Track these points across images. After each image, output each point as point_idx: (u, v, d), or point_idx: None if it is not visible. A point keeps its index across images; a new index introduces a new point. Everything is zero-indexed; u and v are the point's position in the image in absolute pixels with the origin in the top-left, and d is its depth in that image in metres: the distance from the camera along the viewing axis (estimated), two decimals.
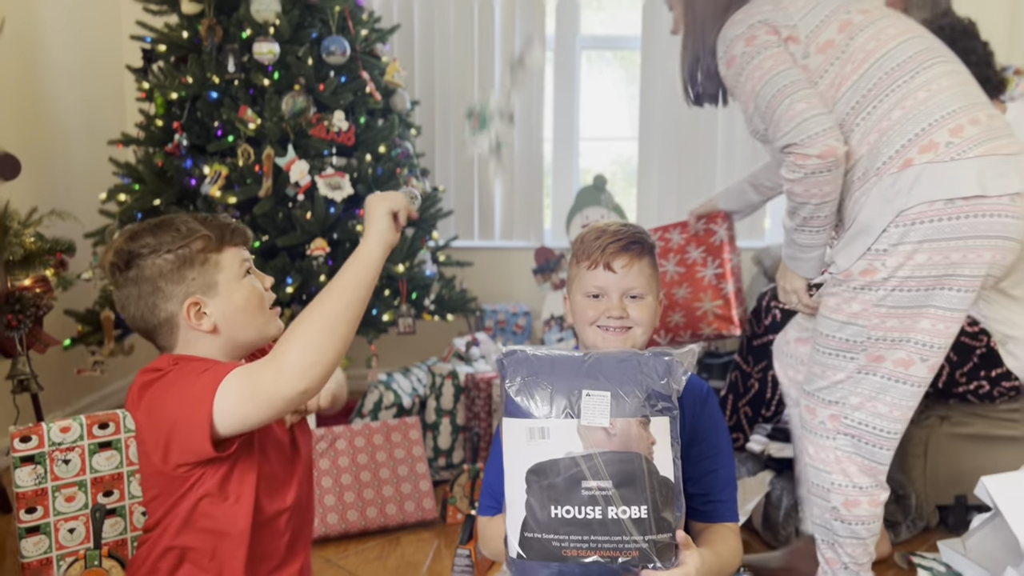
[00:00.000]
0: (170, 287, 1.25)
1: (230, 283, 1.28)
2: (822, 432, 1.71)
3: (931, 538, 2.23)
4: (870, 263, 1.57)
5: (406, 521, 2.35)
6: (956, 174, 1.50)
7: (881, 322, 1.59)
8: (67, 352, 2.80)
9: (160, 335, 1.30)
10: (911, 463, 2.27)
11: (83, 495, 1.85)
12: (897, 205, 1.53)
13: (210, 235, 1.27)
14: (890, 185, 1.54)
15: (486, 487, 1.50)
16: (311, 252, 2.63)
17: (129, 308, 1.29)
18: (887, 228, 1.54)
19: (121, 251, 1.27)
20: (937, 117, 1.53)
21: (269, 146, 2.63)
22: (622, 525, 1.18)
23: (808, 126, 1.56)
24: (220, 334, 1.28)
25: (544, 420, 1.21)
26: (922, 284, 1.55)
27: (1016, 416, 2.21)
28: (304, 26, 2.77)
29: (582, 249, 1.49)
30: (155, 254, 1.25)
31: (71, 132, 3.23)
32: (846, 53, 1.61)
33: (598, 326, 1.48)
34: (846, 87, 1.60)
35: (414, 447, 2.43)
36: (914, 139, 1.53)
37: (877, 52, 1.59)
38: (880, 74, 1.58)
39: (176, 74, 2.72)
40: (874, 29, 1.62)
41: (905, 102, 1.56)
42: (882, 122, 1.57)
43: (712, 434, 1.51)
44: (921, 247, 1.53)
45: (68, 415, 2.67)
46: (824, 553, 1.77)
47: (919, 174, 1.52)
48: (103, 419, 1.88)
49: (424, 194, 2.97)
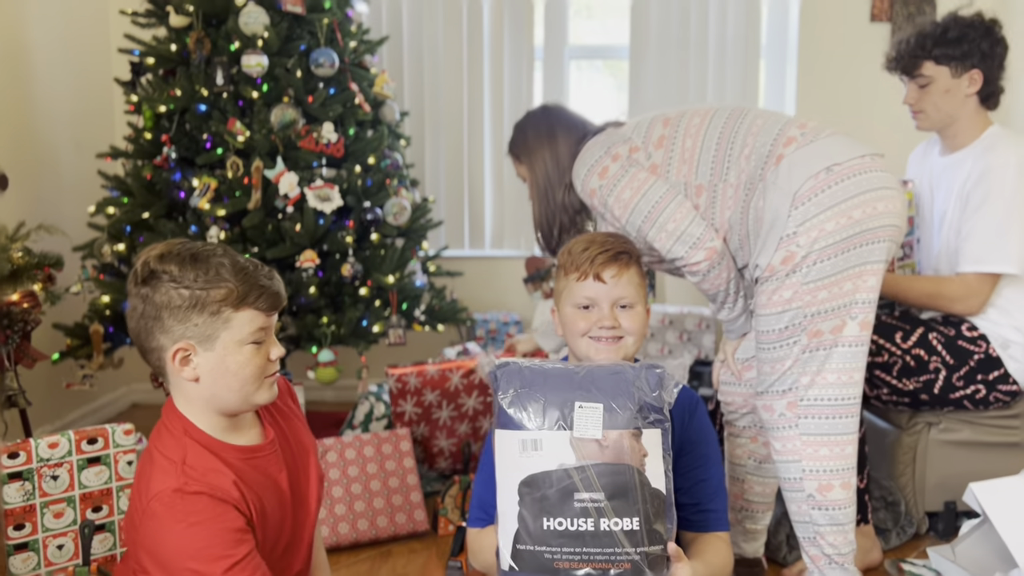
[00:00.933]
0: (171, 322, 1.24)
1: (230, 344, 1.25)
2: (783, 424, 1.75)
3: (921, 545, 2.24)
4: (786, 249, 1.68)
5: (397, 533, 2.34)
6: (821, 149, 1.70)
7: (813, 297, 1.68)
8: (56, 366, 2.79)
9: (150, 361, 1.29)
10: (901, 470, 2.28)
11: (72, 511, 1.84)
12: (789, 189, 1.68)
13: (235, 289, 1.24)
14: (773, 180, 1.71)
15: (475, 499, 1.50)
16: (300, 264, 2.63)
17: (131, 320, 1.29)
18: (790, 213, 1.67)
19: (146, 265, 1.25)
20: (781, 126, 1.76)
21: (258, 158, 2.63)
22: (614, 537, 1.18)
23: (685, 239, 1.77)
24: (202, 385, 1.27)
25: (537, 432, 1.21)
26: (839, 248, 1.66)
27: (1004, 423, 2.22)
28: (293, 38, 2.77)
29: (570, 261, 1.50)
30: (172, 283, 1.23)
31: (60, 145, 3.22)
32: (679, 135, 1.83)
33: (590, 337, 1.49)
34: (698, 153, 1.80)
35: (405, 458, 2.43)
36: (775, 140, 1.74)
37: (705, 121, 1.83)
38: (718, 131, 1.80)
39: (165, 87, 2.71)
40: (689, 113, 1.86)
41: (751, 132, 1.78)
42: (744, 149, 1.76)
43: (701, 444, 1.52)
44: (826, 215, 1.66)
45: (57, 430, 2.66)
46: (808, 552, 1.79)
47: (792, 160, 1.71)
48: (92, 434, 1.88)
49: (413, 205, 2.97)
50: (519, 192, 3.80)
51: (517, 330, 3.65)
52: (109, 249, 2.72)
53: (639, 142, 1.86)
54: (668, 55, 3.68)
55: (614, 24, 3.90)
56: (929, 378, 2.13)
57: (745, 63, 3.66)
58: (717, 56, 3.68)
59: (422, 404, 2.58)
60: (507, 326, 3.60)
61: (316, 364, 2.68)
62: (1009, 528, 1.82)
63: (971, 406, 2.18)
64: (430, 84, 3.73)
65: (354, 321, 2.69)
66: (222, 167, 2.68)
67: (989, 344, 2.11)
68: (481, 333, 3.58)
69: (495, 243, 3.85)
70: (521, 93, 3.74)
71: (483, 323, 3.58)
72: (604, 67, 4.05)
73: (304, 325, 2.69)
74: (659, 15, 3.67)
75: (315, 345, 2.68)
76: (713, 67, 3.68)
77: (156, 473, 1.25)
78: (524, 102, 3.74)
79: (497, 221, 3.85)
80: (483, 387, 2.59)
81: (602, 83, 4.08)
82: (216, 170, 2.70)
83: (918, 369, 2.12)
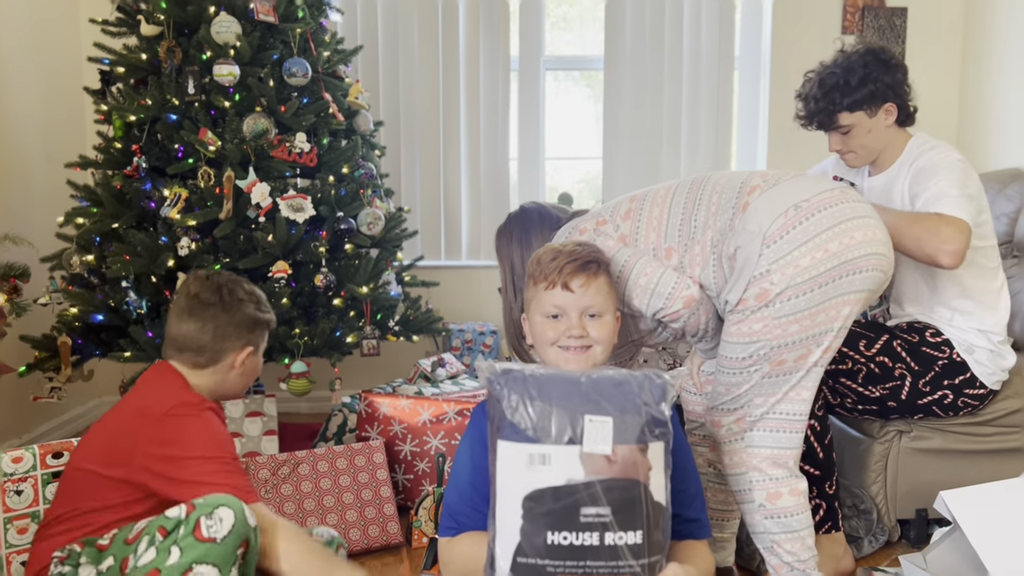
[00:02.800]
0: (242, 331, 1.74)
1: (261, 353, 1.82)
2: (730, 438, 1.76)
3: (893, 552, 2.24)
4: (760, 287, 1.64)
5: (370, 546, 2.32)
6: (785, 190, 1.68)
7: (783, 331, 1.65)
8: (23, 379, 2.74)
9: (204, 355, 1.70)
10: (872, 478, 2.29)
11: (36, 527, 1.80)
12: (759, 230, 1.65)
13: (272, 318, 1.83)
14: (742, 227, 1.67)
15: (447, 508, 1.49)
16: (273, 274, 2.61)
17: (200, 330, 1.70)
18: (761, 252, 1.63)
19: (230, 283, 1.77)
20: (743, 179, 1.76)
21: (230, 168, 2.61)
22: (618, 551, 1.18)
23: (660, 291, 1.72)
24: (237, 376, 1.76)
25: (545, 446, 1.20)
26: (816, 283, 1.62)
27: (974, 430, 2.24)
28: (265, 47, 2.75)
29: (539, 270, 1.50)
30: (249, 303, 1.77)
31: (28, 155, 3.18)
32: (645, 206, 1.82)
33: (559, 346, 1.48)
34: (666, 218, 1.78)
35: (378, 471, 2.41)
36: (739, 191, 1.72)
37: (670, 191, 1.82)
38: (683, 196, 1.79)
39: (135, 96, 2.69)
40: (654, 189, 1.86)
41: (715, 190, 1.77)
42: (711, 207, 1.75)
43: (678, 454, 1.51)
44: (800, 251, 1.62)
45: (25, 444, 2.62)
46: (770, 562, 1.80)
47: (758, 205, 1.68)
48: (57, 448, 1.84)
49: (388, 215, 2.96)
50: (495, 202, 3.80)
51: (493, 340, 3.64)
52: (78, 260, 2.69)
53: (607, 216, 1.85)
54: (643, 66, 3.71)
55: (590, 35, 3.92)
56: (895, 384, 2.14)
57: (719, 74, 3.69)
58: (692, 67, 3.70)
59: (387, 434, 2.56)
60: (483, 336, 3.59)
61: (289, 375, 2.65)
62: (979, 535, 1.83)
63: (940, 412, 2.19)
64: (405, 94, 3.72)
65: (327, 332, 2.67)
66: (193, 177, 2.65)
67: (953, 349, 2.13)
68: (457, 343, 3.56)
69: (471, 253, 3.84)
70: (497, 103, 3.74)
71: (459, 333, 3.57)
72: (580, 77, 4.07)
73: (276, 336, 2.66)
74: (634, 26, 3.69)
75: (287, 356, 2.66)
76: (688, 78, 3.71)
77: (167, 392, 1.65)
78: (500, 112, 3.74)
79: (473, 230, 3.85)
80: (449, 428, 2.57)
81: (578, 93, 4.09)
82: (187, 180, 2.67)
83: (883, 376, 2.13)
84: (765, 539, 1.78)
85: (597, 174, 3.93)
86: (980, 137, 3.48)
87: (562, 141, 4.01)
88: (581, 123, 4.05)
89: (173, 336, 1.72)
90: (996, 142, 3.37)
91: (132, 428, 1.61)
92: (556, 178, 4.05)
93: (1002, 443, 2.24)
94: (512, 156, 3.84)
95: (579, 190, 4.07)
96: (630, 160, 3.78)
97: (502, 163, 3.80)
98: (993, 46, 3.45)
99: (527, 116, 3.80)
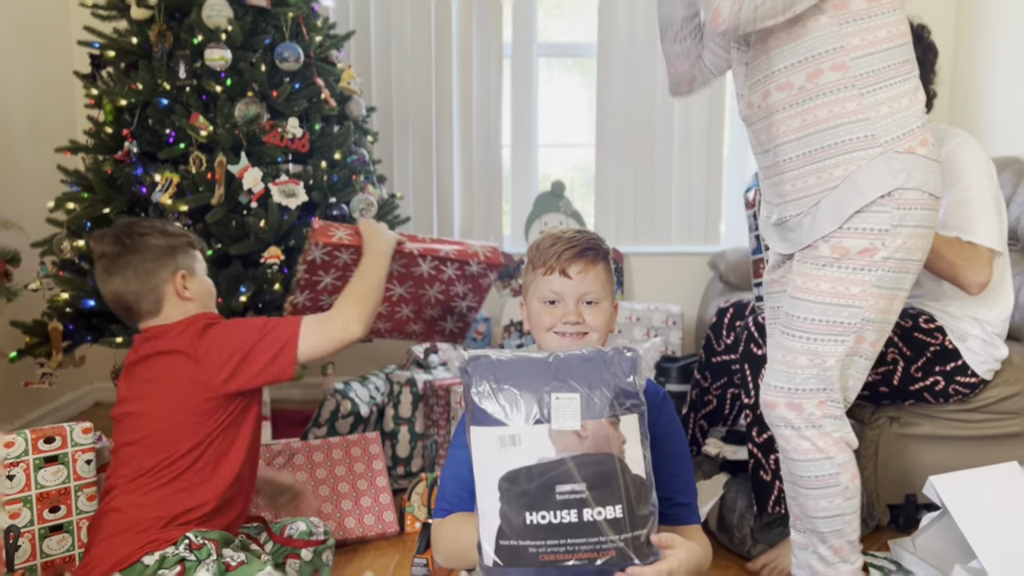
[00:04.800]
0: (162, 261, 1.69)
1: (202, 273, 1.77)
2: (814, 422, 1.71)
3: (882, 537, 2.27)
4: (871, 242, 1.60)
5: (366, 535, 2.32)
6: (937, 174, 1.63)
7: (875, 303, 1.63)
8: (14, 364, 2.73)
9: (146, 301, 1.67)
10: (862, 463, 2.31)
11: (28, 511, 1.80)
12: (897, 181, 1.58)
13: (191, 237, 1.76)
14: (890, 161, 1.58)
15: (442, 491, 1.49)
16: (265, 260, 2.60)
17: (124, 282, 1.66)
18: (882, 199, 1.58)
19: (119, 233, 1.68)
20: (921, 123, 1.62)
21: (222, 153, 2.59)
22: (598, 527, 1.18)
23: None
24: (195, 304, 1.71)
25: (514, 427, 1.20)
26: (902, 267, 1.62)
27: (964, 416, 2.26)
28: (257, 32, 2.73)
29: (538, 256, 1.50)
30: (152, 235, 1.70)
31: (18, 139, 3.15)
32: (875, 20, 1.60)
33: (555, 332, 1.48)
34: (880, 48, 1.60)
35: (374, 461, 2.41)
36: (916, 131, 1.60)
37: (899, 37, 1.61)
38: (901, 58, 1.61)
39: (126, 80, 2.66)
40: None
41: (913, 96, 1.62)
42: (894, 102, 1.60)
43: (670, 439, 1.52)
44: (915, 232, 1.61)
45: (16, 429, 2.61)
46: (833, 544, 1.75)
47: (917, 163, 1.59)
48: (49, 433, 1.84)
49: (381, 201, 2.95)
50: (488, 189, 3.80)
51: (486, 327, 3.64)
52: (69, 245, 2.66)
53: None
54: (636, 53, 3.70)
55: (583, 22, 3.91)
56: (887, 369, 2.16)
57: None
58: None
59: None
60: (476, 323, 3.59)
61: None
62: (967, 520, 1.86)
63: (931, 398, 2.21)
64: (398, 79, 3.71)
65: None
66: (185, 162, 2.64)
67: (946, 336, 2.14)
68: None
69: (464, 239, 3.83)
70: (490, 90, 3.73)
71: None
72: (573, 65, 4.06)
73: None
74: (627, 13, 3.68)
75: None
76: None
77: (175, 331, 1.66)
78: (493, 99, 3.73)
79: (466, 217, 3.85)
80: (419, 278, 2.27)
81: (571, 81, 4.09)
82: (179, 165, 2.65)
83: (876, 361, 2.14)
84: (838, 521, 1.74)
85: (590, 161, 3.93)
86: (970, 126, 3.49)
87: (555, 128, 4.00)
88: (574, 110, 4.04)
89: (111, 301, 1.70)
90: (986, 130, 3.39)
91: (185, 372, 1.63)
92: (549, 165, 4.05)
93: (991, 429, 2.26)
94: (505, 143, 3.84)
95: (571, 177, 4.07)
96: (622, 147, 3.78)
97: (495, 150, 3.79)
98: (984, 36, 3.46)
99: (520, 103, 3.79)
